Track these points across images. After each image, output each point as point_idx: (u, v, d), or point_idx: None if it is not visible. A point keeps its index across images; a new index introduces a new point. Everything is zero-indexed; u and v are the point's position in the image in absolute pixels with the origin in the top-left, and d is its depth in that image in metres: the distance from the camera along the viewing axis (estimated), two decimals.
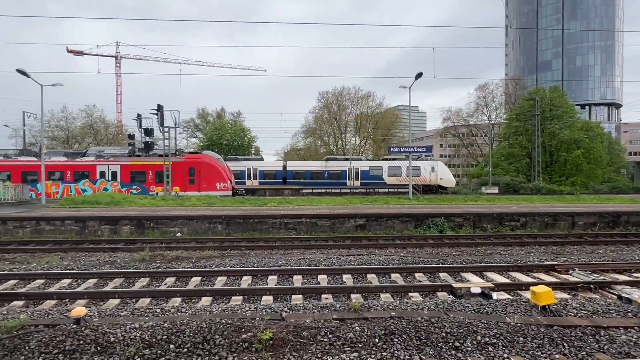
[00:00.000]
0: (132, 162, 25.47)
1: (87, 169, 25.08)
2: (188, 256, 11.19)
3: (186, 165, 25.40)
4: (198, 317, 6.15)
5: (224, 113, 66.74)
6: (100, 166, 25.07)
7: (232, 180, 26.06)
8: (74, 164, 25.28)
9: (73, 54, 72.86)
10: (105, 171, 25.12)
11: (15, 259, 11.45)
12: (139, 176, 25.26)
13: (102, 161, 25.44)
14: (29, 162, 25.22)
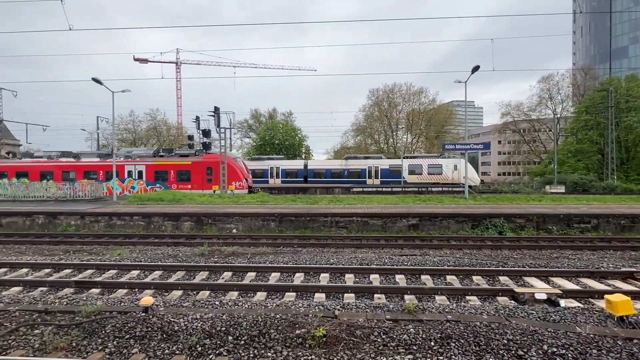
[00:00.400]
0: (156, 162, 26.96)
1: (117, 169, 26.83)
2: (243, 252, 11.62)
3: (204, 164, 26.47)
4: (254, 311, 6.36)
5: (276, 113, 68.44)
6: (128, 166, 26.89)
7: (249, 179, 26.57)
8: (105, 164, 27.24)
9: (139, 62, 78.50)
10: (132, 171, 26.95)
11: (92, 250, 12.60)
12: (162, 175, 26.71)
13: (130, 161, 27.20)
14: (69, 162, 27.80)
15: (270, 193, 26.77)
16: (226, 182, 25.06)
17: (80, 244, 13.52)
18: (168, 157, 27.61)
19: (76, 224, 16.68)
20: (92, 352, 5.37)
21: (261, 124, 66.68)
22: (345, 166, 36.75)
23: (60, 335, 5.71)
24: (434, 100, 61.15)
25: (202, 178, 25.89)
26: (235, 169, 26.31)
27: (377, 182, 35.32)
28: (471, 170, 34.52)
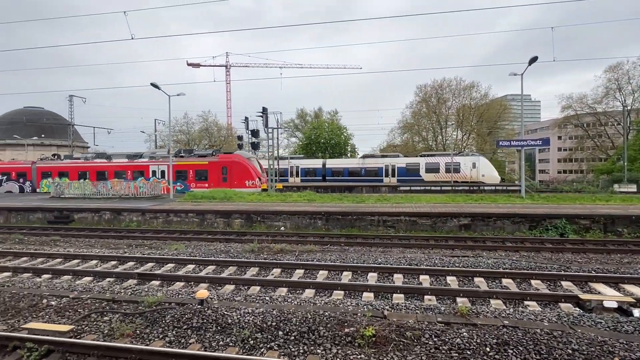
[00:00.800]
0: (177, 162, 28.07)
1: (143, 169, 28.82)
2: (291, 249, 11.82)
3: (220, 164, 27.37)
4: (303, 308, 6.45)
5: (322, 112, 68.82)
6: (152, 166, 28.67)
7: (262, 178, 27.14)
8: (133, 165, 29.24)
9: (192, 66, 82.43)
10: (156, 170, 28.55)
11: (152, 244, 13.45)
12: (182, 175, 27.98)
13: (154, 162, 28.91)
14: (102, 163, 30.12)
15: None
16: (276, 180, 25.64)
17: (141, 239, 14.49)
18: (187, 157, 28.96)
19: (137, 220, 17.88)
20: (154, 340, 5.73)
21: (307, 123, 67.39)
22: (363, 165, 36.85)
23: (126, 322, 6.15)
24: (486, 95, 58.26)
25: (218, 177, 26.96)
26: (248, 168, 27.09)
27: (394, 180, 35.00)
28: (490, 168, 33.77)
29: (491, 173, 33.51)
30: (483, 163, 33.73)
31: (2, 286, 7.99)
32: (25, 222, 19.00)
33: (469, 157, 34.56)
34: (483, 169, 33.17)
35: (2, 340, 5.45)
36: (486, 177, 32.97)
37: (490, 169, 33.85)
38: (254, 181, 26.10)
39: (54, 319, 6.47)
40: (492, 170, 33.90)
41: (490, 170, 33.67)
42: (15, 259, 11.20)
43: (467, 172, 33.38)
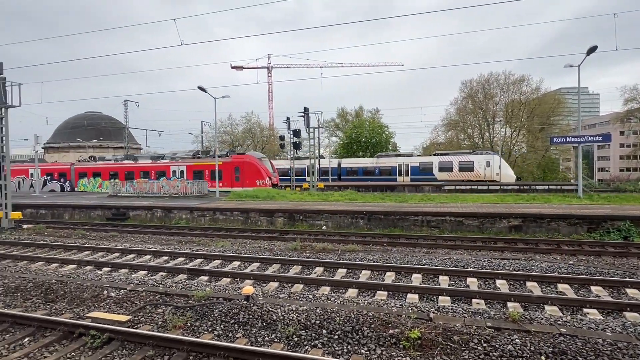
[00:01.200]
0: (194, 162, 29.80)
1: (164, 169, 30.56)
2: (333, 248, 11.84)
3: (233, 164, 28.37)
4: (346, 307, 6.44)
5: (362, 111, 68.30)
6: (172, 166, 30.40)
7: (273, 177, 27.67)
8: (156, 165, 31.13)
9: (235, 69, 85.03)
10: (176, 170, 30.19)
11: (200, 241, 14.02)
12: (199, 174, 29.22)
13: (174, 162, 30.62)
14: (129, 164, 32.31)
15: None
16: (316, 179, 25.83)
17: (190, 236, 15.16)
18: (204, 158, 30.51)
19: (186, 217, 18.74)
20: (204, 332, 5.98)
21: (348, 122, 67.21)
22: (377, 164, 37.26)
23: (177, 315, 6.46)
24: (538, 89, 54.90)
25: (231, 177, 27.94)
26: (258, 168, 28.03)
27: (407, 179, 35.16)
28: (505, 167, 33.22)
29: (506, 172, 33.05)
30: (497, 161, 33.27)
31: (68, 277, 8.69)
32: (87, 218, 20.52)
33: (482, 155, 34.14)
34: (497, 168, 32.84)
35: (69, 327, 5.92)
36: (500, 176, 32.57)
37: (505, 167, 33.42)
38: (264, 180, 26.87)
39: (114, 309, 6.93)
40: (506, 168, 33.50)
41: (504, 168, 33.20)
42: (79, 253, 12.13)
43: (480, 171, 33.08)
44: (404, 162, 36.21)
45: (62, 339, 5.83)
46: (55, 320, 6.13)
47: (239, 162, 28.40)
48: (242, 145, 69.10)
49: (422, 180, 33.92)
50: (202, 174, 29.12)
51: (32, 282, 8.24)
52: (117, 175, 32.04)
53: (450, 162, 34.60)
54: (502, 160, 34.27)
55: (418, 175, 34.98)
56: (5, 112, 16.88)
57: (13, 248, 13.06)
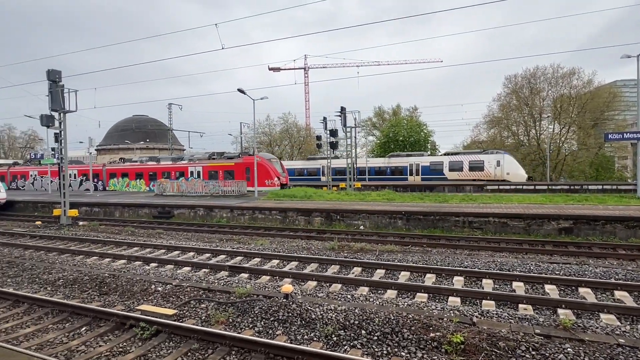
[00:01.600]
0: (209, 163, 31.35)
1: (183, 170, 32.34)
2: (371, 249, 11.74)
3: (244, 165, 29.58)
4: (385, 308, 6.36)
5: (400, 109, 67.20)
6: (190, 167, 32.19)
7: (281, 177, 28.74)
8: (176, 166, 33.03)
9: (273, 70, 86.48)
10: (193, 171, 31.81)
11: (240, 239, 14.39)
12: (214, 174, 30.69)
13: (191, 163, 32.41)
14: (152, 165, 34.41)
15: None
16: (352, 179, 25.75)
17: (230, 234, 15.60)
18: (218, 159, 32.07)
19: (227, 216, 19.30)
20: (245, 329, 6.13)
21: (385, 121, 66.37)
22: (389, 164, 38.01)
23: (220, 311, 6.67)
24: (590, 82, 51.29)
25: (242, 177, 29.12)
26: (267, 168, 29.09)
27: (418, 179, 35.53)
28: (515, 166, 33.03)
29: (516, 171, 32.85)
30: (508, 161, 33.16)
31: (119, 272, 9.22)
32: (136, 216, 21.66)
33: (492, 155, 34.05)
34: (507, 167, 32.66)
35: (121, 319, 6.28)
36: (511, 175, 32.42)
37: (516, 166, 33.26)
38: (273, 180, 27.74)
39: (161, 303, 7.27)
40: (517, 168, 33.29)
41: (515, 168, 33.02)
42: (129, 249, 12.83)
43: (490, 171, 33.05)
44: (415, 162, 36.72)
45: (115, 330, 6.19)
46: (109, 311, 6.52)
47: (249, 163, 29.47)
48: (279, 146, 70.21)
49: (433, 179, 34.39)
50: (217, 174, 30.71)
51: (87, 276, 8.82)
52: (142, 175, 34.68)
53: (461, 161, 34.68)
54: (513, 159, 34.26)
55: (429, 175, 35.41)
56: (63, 116, 18.19)
57: (71, 243, 14.04)
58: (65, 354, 5.40)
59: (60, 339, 5.96)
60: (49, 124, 18.17)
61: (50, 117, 18.06)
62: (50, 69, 17.49)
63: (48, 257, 11.54)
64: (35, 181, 41.50)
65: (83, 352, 5.51)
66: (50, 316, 6.85)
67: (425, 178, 35.40)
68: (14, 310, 7.18)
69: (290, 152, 68.84)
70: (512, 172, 32.61)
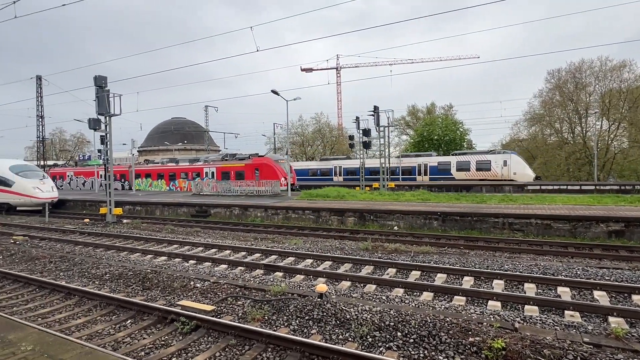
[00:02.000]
0: (222, 164, 33.20)
1: (199, 170, 34.33)
2: (406, 250, 11.55)
3: (253, 166, 31.03)
4: (421, 311, 6.24)
5: (434, 107, 65.72)
6: (205, 168, 34.27)
7: (288, 178, 29.27)
8: (193, 167, 35.17)
9: (305, 71, 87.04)
10: (207, 172, 33.82)
11: (274, 238, 14.59)
12: (226, 175, 32.29)
13: (206, 165, 34.49)
14: (172, 166, 36.74)
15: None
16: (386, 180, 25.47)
17: (265, 233, 15.86)
18: (230, 160, 33.84)
19: (261, 215, 19.64)
20: (280, 326, 6.21)
21: (418, 119, 65.13)
22: (398, 164, 38.54)
23: (255, 308, 6.79)
24: None
25: (252, 177, 30.32)
26: (275, 170, 30.00)
27: (426, 178, 35.98)
28: (522, 166, 32.95)
29: (523, 171, 32.74)
30: (515, 161, 33.04)
31: (160, 268, 9.61)
32: (175, 215, 22.51)
33: (499, 155, 34.25)
34: (514, 167, 32.58)
35: (163, 313, 6.54)
36: (517, 175, 32.33)
37: (523, 166, 33.11)
38: (279, 180, 28.16)
39: (199, 299, 7.50)
40: (524, 168, 33.14)
41: (522, 168, 32.87)
42: (169, 246, 13.34)
43: (497, 170, 33.09)
44: (424, 162, 37.36)
45: (157, 323, 6.46)
46: (152, 306, 6.81)
47: (258, 164, 31.10)
48: (312, 146, 70.62)
49: (440, 179, 34.90)
50: (229, 175, 32.39)
51: (131, 271, 9.26)
52: (163, 176, 37.19)
53: (468, 162, 34.86)
54: (521, 159, 34.19)
55: (436, 175, 35.95)
56: (109, 120, 19.21)
57: (116, 240, 14.80)
58: (112, 345, 5.70)
59: (107, 330, 6.30)
60: (96, 127, 19.26)
61: (97, 120, 19.13)
62: (97, 75, 18.53)
63: (96, 253, 12.23)
64: (71, 181, 45.07)
65: (129, 343, 5.78)
66: (98, 308, 7.25)
67: (433, 178, 35.93)
68: (67, 302, 7.66)
69: (323, 152, 69.06)
70: (518, 172, 32.56)
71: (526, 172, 32.99)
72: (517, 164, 32.99)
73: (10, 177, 24.20)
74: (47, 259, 11.04)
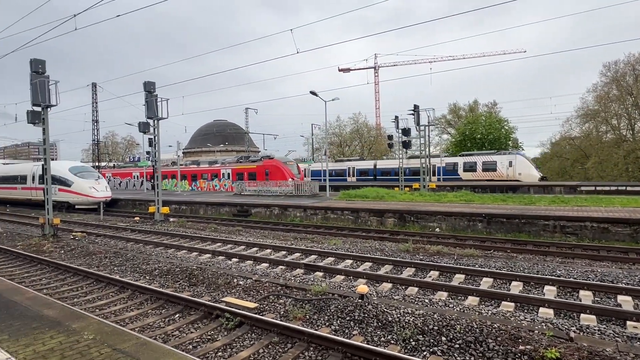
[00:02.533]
0: (237, 166, 36.00)
1: (217, 172, 37.59)
2: (449, 252, 11.21)
3: (264, 167, 33.00)
4: (467, 316, 6.03)
5: (477, 105, 63.31)
6: (222, 170, 37.33)
7: (296, 178, 30.31)
8: (211, 169, 38.33)
9: (342, 71, 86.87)
10: (224, 173, 36.92)
11: (314, 238, 14.69)
12: (240, 176, 34.71)
13: (223, 166, 37.48)
14: (193, 168, 40.19)
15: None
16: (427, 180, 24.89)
17: (304, 233, 16.00)
18: (244, 162, 36.41)
19: (300, 215, 19.84)
20: (321, 326, 6.23)
21: (460, 118, 63.03)
22: (407, 165, 38.80)
23: (297, 307, 6.87)
24: None
25: (262, 178, 32.10)
26: (283, 171, 31.59)
27: (434, 179, 36.18)
28: (527, 167, 33.26)
29: (528, 172, 33.13)
30: (520, 161, 33.45)
31: (205, 265, 9.97)
32: (217, 214, 23.26)
33: (505, 155, 34.70)
34: (519, 168, 33.02)
35: (209, 309, 6.78)
36: (523, 175, 32.72)
37: (528, 167, 33.51)
38: (287, 181, 29.11)
39: (242, 296, 7.70)
40: (529, 168, 33.53)
41: (527, 168, 33.30)
42: (213, 244, 13.81)
43: (503, 171, 33.60)
44: (431, 163, 37.80)
45: (203, 318, 6.70)
46: (198, 301, 7.07)
47: (268, 165, 33.17)
48: (349, 146, 70.45)
49: (447, 180, 35.43)
50: (242, 176, 34.75)
51: (178, 267, 9.67)
52: (185, 177, 40.31)
53: (474, 162, 35.40)
54: (526, 159, 34.47)
55: (444, 175, 36.72)
56: (157, 123, 20.19)
57: (164, 237, 15.52)
58: (162, 337, 5.98)
59: (158, 323, 6.62)
60: (145, 130, 20.31)
61: (146, 124, 20.17)
62: (146, 81, 19.53)
63: (145, 250, 12.90)
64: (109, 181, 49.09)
65: (177, 336, 6.05)
66: (149, 302, 7.63)
67: (440, 178, 36.72)
68: (120, 295, 8.14)
69: (361, 152, 68.69)
70: (524, 173, 32.98)
71: (531, 172, 33.38)
72: (522, 164, 33.29)
73: (70, 178, 26.09)
74: (103, 254, 11.79)
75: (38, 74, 14.48)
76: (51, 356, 3.92)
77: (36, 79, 14.41)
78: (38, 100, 14.48)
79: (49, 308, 5.45)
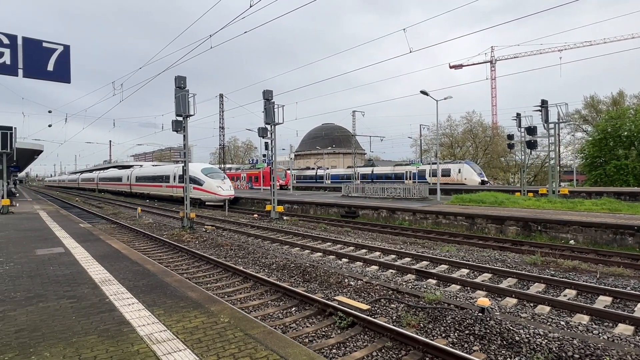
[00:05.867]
0: (249, 171, 47.95)
1: (238, 176, 50.73)
2: (588, 269, 9.64)
3: (261, 173, 41.21)
4: (618, 347, 5.11)
5: (623, 98, 53.27)
6: (242, 174, 50.75)
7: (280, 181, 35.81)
8: (232, 173, 50.76)
9: (454, 68, 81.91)
10: (243, 176, 49.65)
11: (424, 244, 14.13)
12: (250, 179, 47.40)
13: (243, 171, 50.58)
14: (252, 170, 48.13)
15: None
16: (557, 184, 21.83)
17: (414, 237, 15.51)
18: (252, 169, 46.50)
19: (409, 219, 19.27)
20: (437, 337, 5.93)
21: (600, 113, 53.84)
22: (393, 171, 49.14)
23: (410, 313, 6.65)
24: None
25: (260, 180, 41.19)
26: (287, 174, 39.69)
27: (410, 182, 43.61)
28: (470, 173, 40.78)
29: (471, 177, 40.46)
30: (466, 169, 41.23)
31: (317, 263, 10.37)
32: (326, 214, 24.06)
33: (456, 164, 42.92)
34: (465, 174, 40.82)
35: (322, 306, 7.02)
36: (467, 180, 40.36)
37: (471, 173, 40.80)
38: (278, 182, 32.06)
39: (353, 296, 7.78)
40: (472, 174, 40.68)
41: (471, 174, 40.67)
42: (323, 243, 14.31)
43: (455, 176, 41.23)
44: (409, 170, 46.25)
45: (317, 314, 6.96)
46: (313, 297, 7.38)
47: (264, 172, 41.68)
48: (461, 147, 66.02)
49: (420, 183, 40.48)
50: (252, 179, 46.99)
51: (293, 263, 10.26)
52: (245, 178, 50.23)
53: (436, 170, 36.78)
54: (470, 167, 41.67)
55: (418, 180, 43.15)
56: (273, 128, 21.83)
57: (279, 234, 16.66)
58: (282, 328, 6.39)
59: (277, 314, 7.10)
60: (264, 135, 22.12)
61: (265, 129, 21.96)
62: (265, 90, 21.27)
63: (264, 245, 14.02)
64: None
65: (294, 329, 6.40)
66: (269, 294, 8.25)
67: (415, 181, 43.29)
68: (244, 285, 8.97)
69: (474, 153, 63.85)
70: (468, 177, 40.55)
71: (473, 177, 40.52)
72: (467, 171, 41.11)
73: (202, 178, 29.91)
74: (229, 246, 13.18)
75: (181, 89, 16.95)
76: (196, 332, 4.51)
77: (179, 93, 16.89)
78: (180, 111, 16.94)
79: (192, 291, 6.28)
